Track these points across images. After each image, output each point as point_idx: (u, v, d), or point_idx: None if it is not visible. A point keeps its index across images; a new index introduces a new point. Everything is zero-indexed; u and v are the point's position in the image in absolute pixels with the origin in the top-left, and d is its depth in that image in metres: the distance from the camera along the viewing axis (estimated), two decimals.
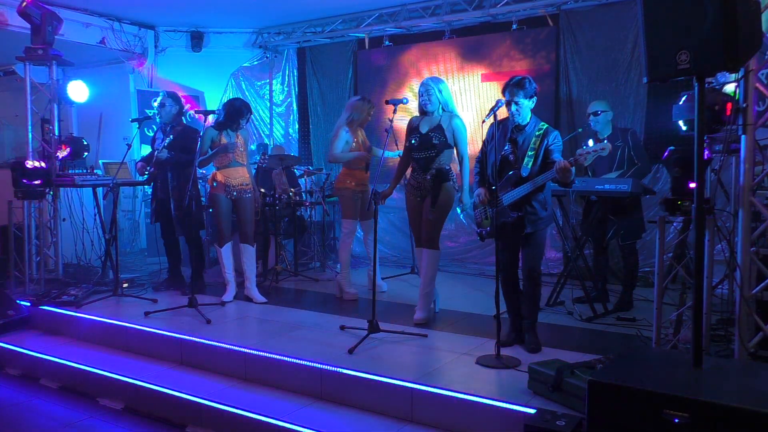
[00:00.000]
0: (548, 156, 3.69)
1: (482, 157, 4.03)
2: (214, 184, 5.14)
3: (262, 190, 6.12)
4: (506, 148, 3.84)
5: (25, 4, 5.64)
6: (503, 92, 3.79)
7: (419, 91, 4.49)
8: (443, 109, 4.45)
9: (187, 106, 6.37)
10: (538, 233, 3.82)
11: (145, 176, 5.61)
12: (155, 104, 5.60)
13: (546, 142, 3.71)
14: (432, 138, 4.37)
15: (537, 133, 3.73)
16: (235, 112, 5.11)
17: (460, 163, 4.51)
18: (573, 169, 3.49)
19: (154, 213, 5.75)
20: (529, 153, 3.72)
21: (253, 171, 5.76)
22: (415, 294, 5.37)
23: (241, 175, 5.16)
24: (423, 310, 4.49)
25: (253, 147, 7.62)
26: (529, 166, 3.71)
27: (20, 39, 5.91)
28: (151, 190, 5.90)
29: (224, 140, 5.09)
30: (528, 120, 3.80)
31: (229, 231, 5.24)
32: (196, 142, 5.15)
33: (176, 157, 5.38)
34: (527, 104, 3.76)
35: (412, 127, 4.55)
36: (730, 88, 3.54)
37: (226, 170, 5.13)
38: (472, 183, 4.20)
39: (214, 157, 5.06)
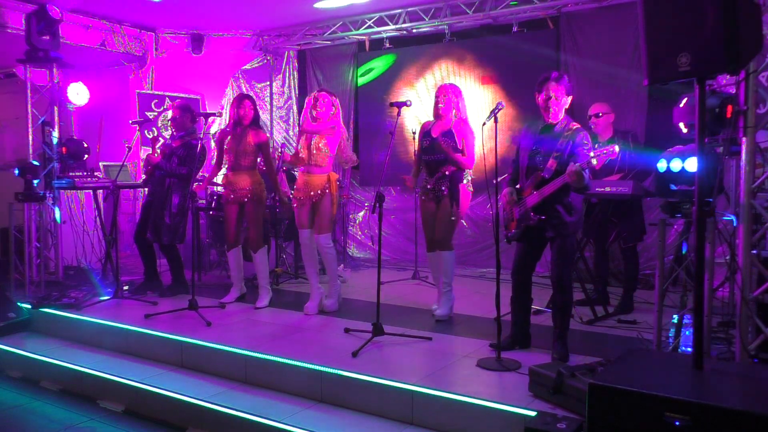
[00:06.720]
0: (573, 159, 3.48)
1: (516, 159, 3.92)
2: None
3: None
4: (533, 148, 3.74)
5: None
6: (540, 88, 3.66)
7: (436, 94, 4.58)
8: (456, 115, 4.52)
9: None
10: (564, 240, 3.62)
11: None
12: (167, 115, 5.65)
13: (571, 143, 3.56)
14: (442, 142, 4.44)
15: (566, 134, 3.60)
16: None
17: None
18: (585, 173, 3.38)
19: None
20: (555, 154, 3.57)
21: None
22: (417, 297, 5.39)
23: (242, 180, 5.04)
24: (445, 307, 4.61)
25: None
26: (554, 168, 3.56)
27: (20, 41, 5.90)
28: None
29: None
30: (559, 119, 3.68)
31: (233, 236, 5.19)
32: (191, 155, 5.21)
33: (162, 164, 5.37)
34: (563, 100, 3.63)
35: (425, 131, 4.62)
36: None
37: (229, 174, 5.10)
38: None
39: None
